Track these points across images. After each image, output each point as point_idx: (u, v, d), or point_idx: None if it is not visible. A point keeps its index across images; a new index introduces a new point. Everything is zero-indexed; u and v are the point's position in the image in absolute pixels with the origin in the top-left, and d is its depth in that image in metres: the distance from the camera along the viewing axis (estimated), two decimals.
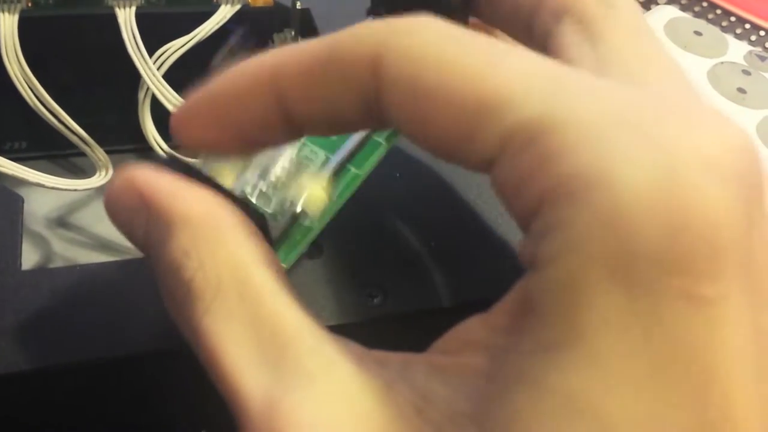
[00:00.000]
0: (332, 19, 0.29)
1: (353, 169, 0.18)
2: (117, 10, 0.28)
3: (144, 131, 0.28)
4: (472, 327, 0.14)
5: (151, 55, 0.28)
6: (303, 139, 0.18)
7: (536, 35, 0.17)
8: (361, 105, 0.14)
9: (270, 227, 0.16)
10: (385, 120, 0.14)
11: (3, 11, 0.27)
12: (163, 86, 0.27)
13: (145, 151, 0.28)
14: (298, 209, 0.16)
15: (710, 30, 0.31)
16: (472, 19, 0.20)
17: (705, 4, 0.35)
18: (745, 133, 0.12)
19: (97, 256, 0.28)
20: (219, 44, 0.30)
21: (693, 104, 0.14)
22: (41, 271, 0.20)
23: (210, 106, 0.15)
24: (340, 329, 0.19)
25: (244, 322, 0.13)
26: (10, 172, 0.24)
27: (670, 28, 0.31)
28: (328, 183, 0.17)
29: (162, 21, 0.29)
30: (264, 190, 0.16)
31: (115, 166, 0.28)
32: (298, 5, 0.29)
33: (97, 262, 0.20)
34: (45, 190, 0.26)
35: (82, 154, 0.28)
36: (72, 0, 0.29)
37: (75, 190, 0.26)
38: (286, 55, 0.14)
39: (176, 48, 0.28)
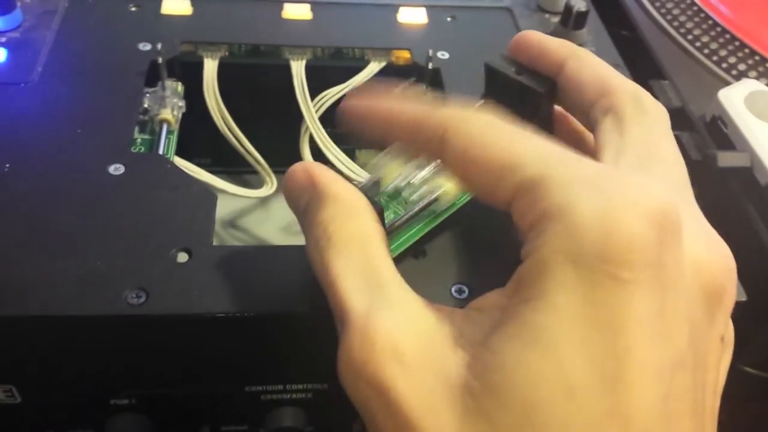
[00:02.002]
0: (456, 78, 0.35)
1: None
2: (291, 62, 0.36)
3: (302, 158, 0.35)
4: (493, 294, 0.20)
5: (313, 96, 0.35)
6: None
7: (590, 122, 0.24)
8: (432, 151, 0.22)
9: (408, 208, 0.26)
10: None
11: (207, 57, 0.36)
12: (319, 127, 0.35)
13: None
14: (434, 196, 0.26)
15: None
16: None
17: None
18: (671, 199, 0.18)
19: None
20: None
21: (656, 179, 0.21)
22: (224, 247, 0.27)
23: (357, 112, 0.24)
24: None
25: (358, 265, 0.20)
26: (203, 178, 0.32)
27: (750, 99, 0.35)
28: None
29: (325, 71, 0.37)
30: (414, 182, 0.25)
31: (279, 182, 0.36)
32: (431, 66, 0.36)
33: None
34: (222, 197, 0.34)
35: (252, 171, 0.36)
36: (258, 52, 0.37)
37: (249, 197, 0.34)
38: (401, 109, 0.23)
39: (334, 93, 0.36)
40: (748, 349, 0.36)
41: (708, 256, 0.19)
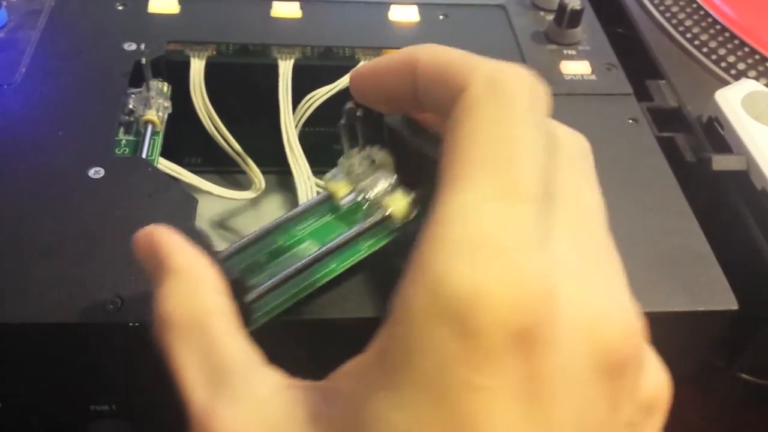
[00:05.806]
0: None
1: None
2: (279, 61, 0.35)
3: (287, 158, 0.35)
4: (352, 364, 0.18)
5: (303, 96, 0.35)
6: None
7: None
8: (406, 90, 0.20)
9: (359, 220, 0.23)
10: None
11: (194, 57, 0.35)
12: (292, 129, 0.34)
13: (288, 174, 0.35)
14: (387, 213, 0.23)
15: None
16: None
17: None
18: (543, 288, 0.15)
19: None
20: None
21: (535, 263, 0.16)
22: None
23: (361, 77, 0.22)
24: None
25: (199, 352, 0.18)
26: (188, 180, 0.32)
27: (748, 100, 0.34)
28: (413, 199, 0.23)
29: (314, 71, 0.36)
30: (368, 198, 0.23)
31: (266, 182, 0.35)
32: None
33: None
34: (211, 198, 0.34)
35: (242, 171, 0.36)
36: (246, 51, 0.36)
37: (235, 199, 0.34)
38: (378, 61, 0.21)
39: (323, 93, 0.35)
40: (744, 355, 0.35)
41: (603, 323, 0.16)
